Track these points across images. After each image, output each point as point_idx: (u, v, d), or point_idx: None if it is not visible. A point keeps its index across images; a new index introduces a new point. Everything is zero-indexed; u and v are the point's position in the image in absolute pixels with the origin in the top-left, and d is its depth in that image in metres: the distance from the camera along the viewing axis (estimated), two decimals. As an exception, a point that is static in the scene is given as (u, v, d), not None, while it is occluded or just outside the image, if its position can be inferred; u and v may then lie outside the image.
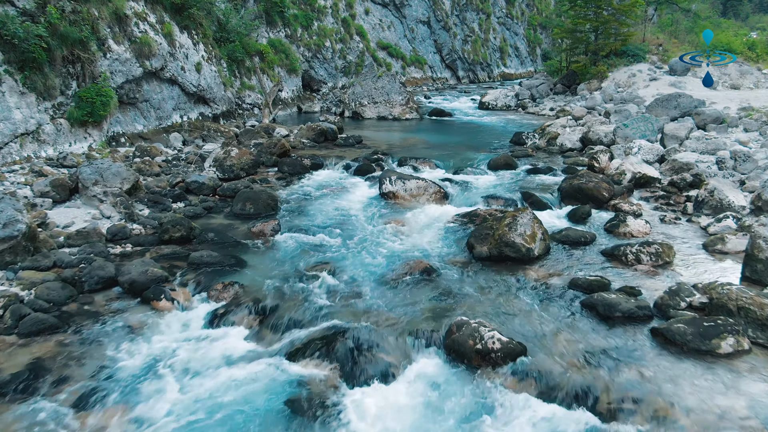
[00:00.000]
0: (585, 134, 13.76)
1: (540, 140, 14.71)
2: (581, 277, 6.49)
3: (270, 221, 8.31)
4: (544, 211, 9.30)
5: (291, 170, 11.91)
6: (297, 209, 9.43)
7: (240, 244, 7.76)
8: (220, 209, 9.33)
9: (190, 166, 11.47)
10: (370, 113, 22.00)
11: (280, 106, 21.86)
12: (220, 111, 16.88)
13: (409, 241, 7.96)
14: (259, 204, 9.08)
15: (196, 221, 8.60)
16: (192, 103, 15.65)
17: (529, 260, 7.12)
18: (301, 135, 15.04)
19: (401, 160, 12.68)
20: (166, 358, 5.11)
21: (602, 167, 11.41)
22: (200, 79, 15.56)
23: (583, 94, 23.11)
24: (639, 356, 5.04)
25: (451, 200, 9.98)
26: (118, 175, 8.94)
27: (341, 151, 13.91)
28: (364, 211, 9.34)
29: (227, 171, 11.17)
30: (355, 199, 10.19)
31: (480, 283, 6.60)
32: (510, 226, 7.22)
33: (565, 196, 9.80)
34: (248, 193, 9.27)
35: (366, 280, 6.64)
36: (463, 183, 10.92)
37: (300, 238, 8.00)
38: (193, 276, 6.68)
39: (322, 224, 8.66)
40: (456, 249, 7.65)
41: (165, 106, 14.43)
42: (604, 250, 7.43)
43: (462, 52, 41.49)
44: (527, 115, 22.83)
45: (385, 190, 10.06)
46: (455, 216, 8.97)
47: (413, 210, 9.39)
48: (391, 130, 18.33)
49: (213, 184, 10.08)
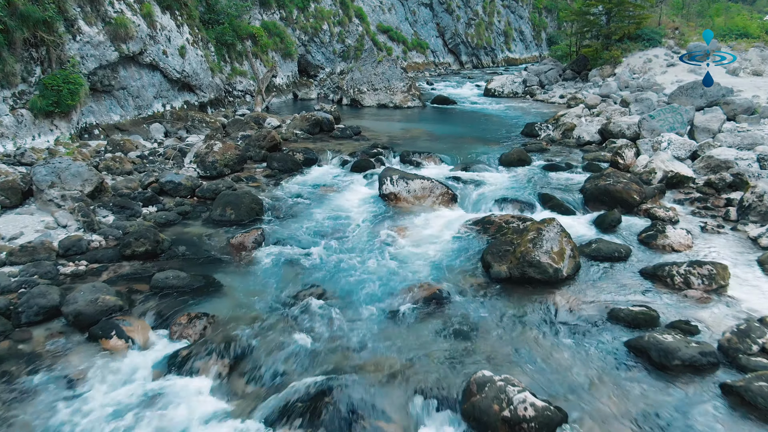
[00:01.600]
0: (605, 126, 12.55)
1: (554, 132, 13.50)
2: (623, 309, 5.37)
3: (252, 231, 7.17)
4: (567, 217, 8.18)
5: (281, 167, 10.74)
6: (285, 214, 8.28)
7: (215, 261, 6.62)
8: (197, 214, 8.19)
9: (168, 163, 10.29)
10: (370, 101, 20.73)
11: (274, 93, 20.59)
12: (208, 99, 15.64)
13: (414, 255, 6.83)
14: (242, 209, 7.92)
15: (167, 230, 7.47)
16: (176, 90, 14.41)
17: (556, 282, 6.00)
18: (294, 125, 13.83)
19: (403, 154, 11.50)
20: (106, 427, 4.00)
21: (627, 164, 10.25)
22: (185, 65, 14.30)
23: (596, 81, 21.82)
24: (710, 425, 3.93)
25: (461, 203, 8.83)
26: (79, 176, 7.77)
27: (337, 144, 12.72)
28: (361, 217, 8.20)
29: (209, 168, 10.00)
30: (352, 201, 9.05)
31: (501, 314, 5.47)
32: (534, 242, 6.08)
33: (589, 198, 8.66)
34: (229, 196, 8.11)
35: (362, 311, 5.52)
36: (472, 182, 9.77)
37: (286, 252, 6.87)
38: (154, 304, 5.56)
39: (313, 234, 7.52)
40: (469, 266, 6.52)
41: (145, 94, 13.20)
42: (644, 270, 6.29)
43: (465, 36, 39.97)
44: (536, 103, 21.58)
45: (385, 191, 8.91)
46: (466, 223, 7.84)
47: (417, 215, 8.26)
48: (391, 120, 17.11)
49: (191, 185, 8.92)
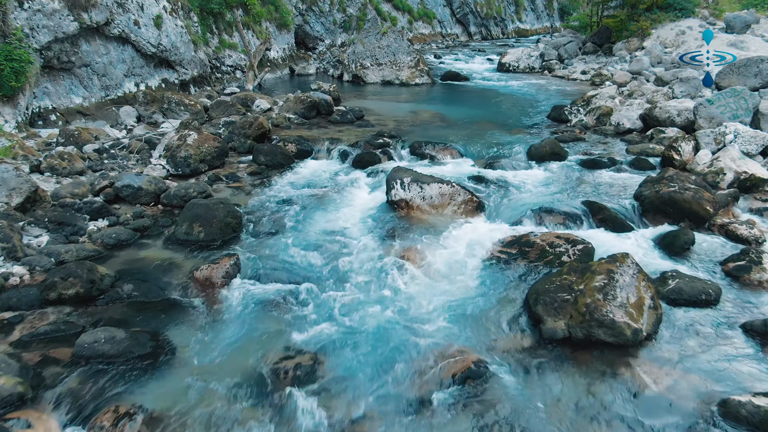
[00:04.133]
0: (649, 111, 10.73)
1: (587, 117, 11.69)
2: (743, 402, 3.71)
3: (223, 260, 5.50)
4: (623, 235, 6.50)
5: (269, 161, 9.01)
6: (269, 230, 6.60)
7: (171, 307, 4.97)
8: (159, 230, 6.51)
9: (132, 158, 8.57)
10: (374, 77, 18.83)
11: (268, 69, 18.68)
12: (190, 76, 13.79)
13: (434, 296, 5.18)
14: (214, 225, 6.23)
15: (117, 255, 5.82)
16: (151, 67, 12.57)
17: (633, 346, 4.36)
18: (287, 108, 12.04)
19: (414, 145, 9.75)
20: None
21: (685, 161, 8.52)
22: (161, 37, 12.43)
23: (622, 55, 19.82)
24: None
25: (488, 213, 7.13)
26: (4, 183, 6.08)
27: (337, 132, 10.96)
28: (363, 234, 6.52)
29: (181, 165, 8.29)
30: (353, 209, 7.36)
31: (564, 403, 3.85)
32: (605, 291, 4.41)
33: (648, 208, 6.95)
34: (199, 207, 6.39)
35: (369, 399, 3.89)
36: (499, 183, 8.06)
37: (267, 290, 5.22)
38: (74, 385, 3.95)
39: (302, 260, 5.86)
40: (510, 315, 4.87)
41: (113, 71, 11.38)
42: (750, 326, 4.63)
43: (474, 6, 37.56)
44: (555, 80, 19.65)
45: (394, 197, 7.22)
46: (498, 243, 6.17)
47: (435, 230, 6.58)
48: (398, 100, 15.26)
49: (154, 189, 7.21)
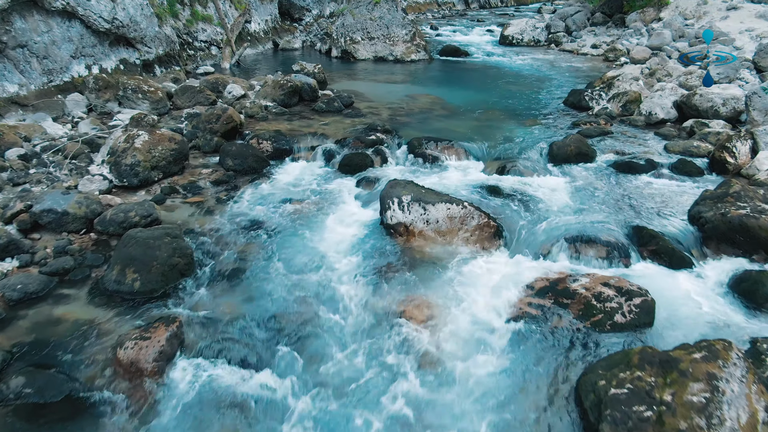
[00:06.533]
0: (686, 99, 9.18)
1: (611, 103, 10.13)
2: None
3: (158, 330, 4.01)
4: (682, 273, 5.10)
5: (239, 165, 7.46)
6: (229, 271, 5.09)
7: (78, 413, 3.50)
8: (86, 272, 4.99)
9: (66, 165, 6.96)
10: (365, 52, 17.06)
11: (248, 44, 16.85)
12: (155, 55, 12.04)
13: (446, 394, 3.75)
14: (153, 271, 4.71)
15: (21, 316, 4.32)
16: (106, 46, 10.81)
17: (745, 486, 2.97)
18: (264, 95, 10.38)
19: (413, 144, 8.19)
20: None
21: (740, 164, 7.08)
22: (116, 10, 10.64)
23: (637, 27, 18.10)
24: None
25: (508, 241, 5.67)
26: None
27: (321, 124, 9.36)
28: (351, 276, 5.03)
29: (127, 174, 6.71)
30: (339, 233, 5.86)
31: None
32: (706, 412, 2.97)
33: (711, 234, 5.50)
34: (135, 245, 4.84)
35: None
36: (518, 196, 6.57)
37: (218, 381, 3.76)
38: None
39: (268, 322, 4.38)
40: (558, 421, 3.46)
41: (57, 53, 9.65)
42: None
43: (472, -29, 35.32)
44: (564, 55, 17.98)
45: (391, 219, 5.74)
46: (527, 290, 4.73)
47: (442, 268, 5.13)
48: (393, 81, 13.59)
49: (86, 212, 5.65)
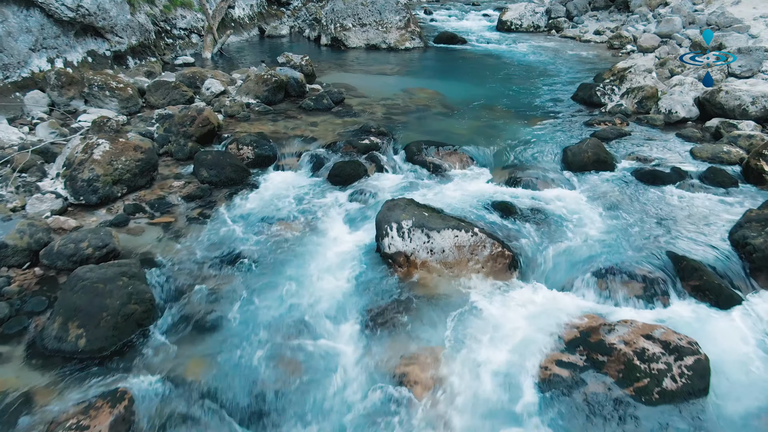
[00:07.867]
0: (710, 95, 8.39)
1: (625, 100, 9.30)
2: None
3: (102, 412, 3.20)
4: (731, 313, 4.34)
5: (215, 176, 6.58)
6: (197, 320, 4.24)
7: None
8: (23, 323, 4.11)
9: (12, 181, 6.06)
10: (356, 40, 16.09)
11: (231, 31, 15.80)
12: (127, 46, 11.03)
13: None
14: (102, 324, 3.87)
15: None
16: (71, 37, 9.80)
17: None
18: (246, 91, 9.46)
19: (411, 149, 7.35)
20: None
21: (779, 174, 6.31)
22: (81, -3, 9.63)
23: (642, 12, 17.21)
24: None
25: (524, 274, 4.88)
26: None
27: (309, 125, 8.47)
28: (341, 323, 4.23)
29: (84, 191, 5.83)
30: (328, 263, 5.03)
31: None
32: None
33: (760, 265, 4.76)
34: (80, 290, 3.97)
35: None
36: (533, 214, 5.76)
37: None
38: None
39: (239, 390, 3.58)
40: None
41: (13, 45, 8.65)
42: None
43: (466, -48, 34.05)
44: (565, 41, 17.10)
45: (389, 248, 4.92)
46: (555, 344, 3.96)
47: (450, 310, 4.34)
48: (386, 72, 12.68)
49: (29, 243, 4.78)
